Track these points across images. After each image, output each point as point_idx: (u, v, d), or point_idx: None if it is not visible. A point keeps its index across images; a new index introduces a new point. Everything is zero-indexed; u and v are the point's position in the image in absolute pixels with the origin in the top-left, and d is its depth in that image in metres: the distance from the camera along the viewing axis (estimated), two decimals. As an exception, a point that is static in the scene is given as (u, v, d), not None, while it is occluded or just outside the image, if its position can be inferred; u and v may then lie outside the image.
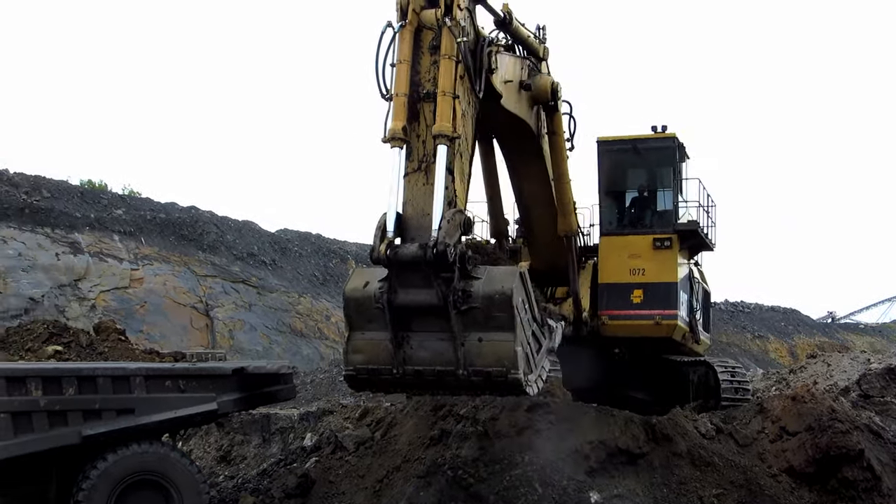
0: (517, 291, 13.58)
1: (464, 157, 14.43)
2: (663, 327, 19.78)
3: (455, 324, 13.71)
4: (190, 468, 15.90)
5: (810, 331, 62.95)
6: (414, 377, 14.31)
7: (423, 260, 13.43)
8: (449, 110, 13.86)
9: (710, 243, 21.67)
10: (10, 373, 14.48)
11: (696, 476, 16.69)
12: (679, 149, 20.77)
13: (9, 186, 38.28)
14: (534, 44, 17.90)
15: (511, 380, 13.56)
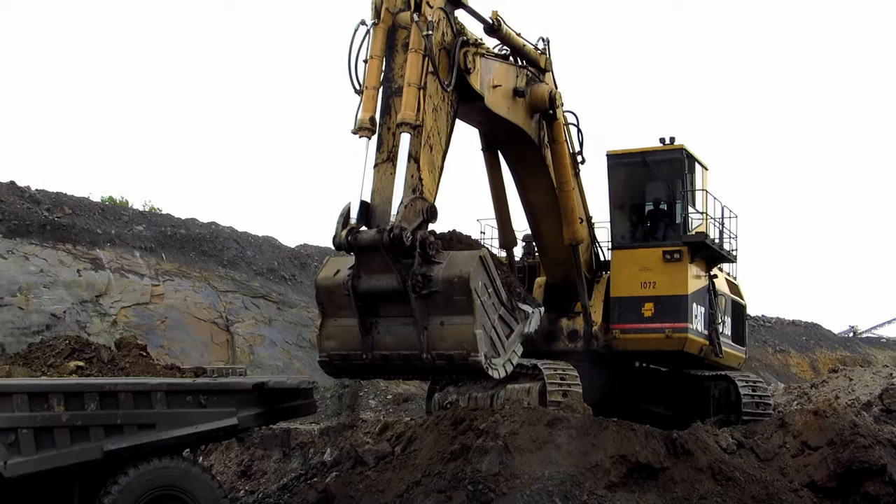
0: (475, 275, 14.00)
1: (434, 149, 14.95)
2: (674, 340, 19.74)
3: (416, 308, 14.20)
4: (211, 483, 15.93)
5: (832, 345, 62.54)
6: (382, 362, 14.95)
7: (380, 244, 13.99)
8: (413, 100, 14.50)
9: (727, 255, 21.54)
10: (32, 388, 14.57)
11: (717, 491, 16.62)
12: (688, 160, 20.73)
13: (30, 203, 38.51)
14: (532, 53, 18.52)
15: (471, 362, 14.04)
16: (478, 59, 16.00)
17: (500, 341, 14.57)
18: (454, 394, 21.33)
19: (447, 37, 15.30)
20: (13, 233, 36.13)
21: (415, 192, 14.48)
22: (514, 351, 15.02)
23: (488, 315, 14.31)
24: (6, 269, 34.21)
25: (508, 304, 14.90)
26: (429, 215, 14.41)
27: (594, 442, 16.79)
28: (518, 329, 15.11)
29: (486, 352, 14.15)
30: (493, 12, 17.24)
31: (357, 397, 31.13)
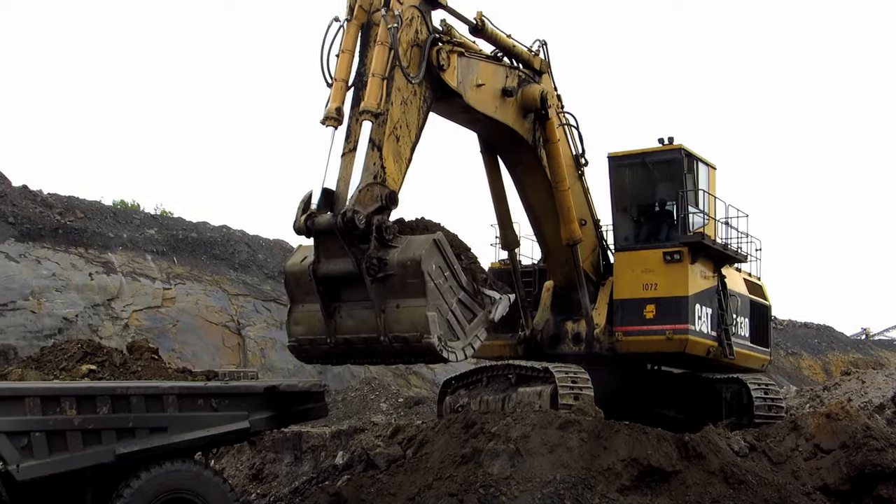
0: (428, 258, 14.29)
1: (402, 140, 15.49)
2: (675, 342, 19.64)
3: (373, 292, 14.54)
4: (222, 486, 15.95)
5: (844, 347, 62.30)
6: (345, 346, 15.30)
7: (335, 227, 14.43)
8: (377, 90, 15.01)
9: (733, 254, 21.33)
10: (44, 392, 14.60)
11: (729, 494, 16.59)
12: (687, 159, 20.62)
13: (42, 207, 38.62)
14: (524, 54, 19.04)
15: (425, 344, 14.28)
16: (454, 57, 16.49)
17: (459, 325, 14.80)
18: (465, 397, 21.34)
19: (421, 34, 15.88)
20: (25, 236, 36.23)
21: (376, 179, 14.88)
22: (476, 336, 15.19)
23: (444, 298, 14.54)
24: (19, 272, 34.29)
25: (470, 288, 15.10)
26: (388, 201, 14.75)
27: (606, 445, 16.78)
28: (481, 315, 15.28)
29: (439, 334, 14.34)
30: (477, 13, 17.66)
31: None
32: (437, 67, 16.09)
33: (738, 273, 22.35)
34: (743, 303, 22.00)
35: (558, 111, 20.20)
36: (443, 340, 14.43)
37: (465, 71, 16.94)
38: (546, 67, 19.76)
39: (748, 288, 22.51)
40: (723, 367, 21.74)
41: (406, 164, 15.70)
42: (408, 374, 42.46)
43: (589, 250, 20.97)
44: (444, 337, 14.49)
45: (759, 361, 22.75)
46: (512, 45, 18.71)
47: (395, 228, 14.80)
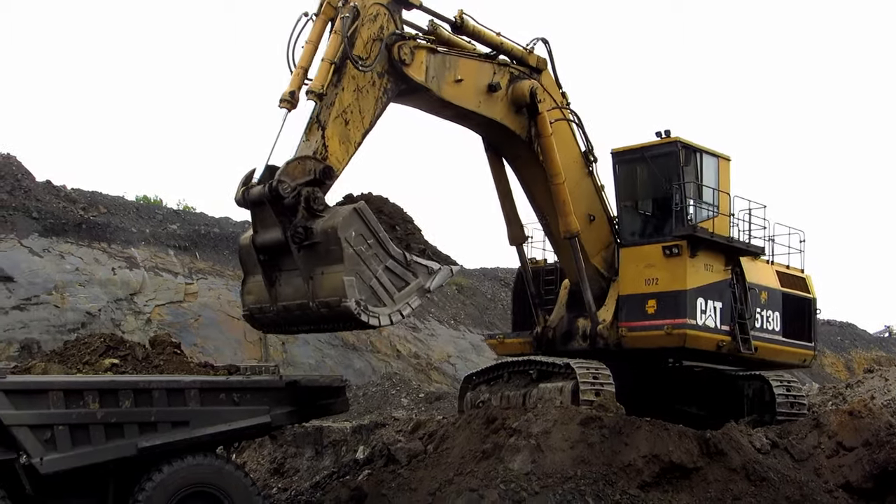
0: (345, 225, 14.93)
1: (351, 125, 16.31)
2: (674, 337, 19.51)
3: (299, 260, 15.31)
4: (244, 480, 16.03)
5: (867, 345, 62.02)
6: (284, 313, 15.94)
7: (265, 197, 15.22)
8: (323, 74, 16.02)
9: (743, 247, 20.96)
10: (67, 386, 14.70)
11: (751, 491, 16.55)
12: (685, 151, 20.50)
13: (66, 202, 38.81)
14: (516, 51, 19.47)
15: (343, 307, 14.88)
16: (420, 53, 17.29)
17: (386, 292, 15.30)
18: (486, 392, 21.33)
19: (386, 30, 16.83)
20: (49, 231, 36.42)
21: (314, 155, 15.67)
22: (406, 303, 15.61)
23: (367, 264, 15.10)
24: (42, 267, 34.49)
25: (400, 257, 15.54)
26: (322, 175, 15.51)
27: (627, 441, 16.75)
28: (414, 283, 15.72)
29: (357, 298, 14.85)
30: (458, 11, 18.35)
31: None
32: (400, 62, 16.88)
33: (767, 266, 22.02)
34: (771, 296, 21.64)
35: (563, 108, 20.38)
36: (362, 304, 14.91)
37: (440, 67, 17.77)
38: (544, 65, 20.07)
39: (782, 281, 22.09)
40: (755, 363, 21.46)
41: (354, 148, 16.46)
42: (429, 369, 42.51)
43: (601, 246, 20.95)
44: (366, 301, 15.00)
45: (796, 357, 22.36)
46: (500, 42, 19.21)
47: (323, 199, 15.44)
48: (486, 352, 45.70)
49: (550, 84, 20.14)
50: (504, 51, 19.31)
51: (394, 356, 42.05)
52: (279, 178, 15.14)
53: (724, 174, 21.26)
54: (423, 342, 44.47)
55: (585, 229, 20.64)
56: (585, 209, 20.70)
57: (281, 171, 15.28)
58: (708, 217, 20.68)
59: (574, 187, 20.42)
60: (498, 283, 52.37)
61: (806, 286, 22.88)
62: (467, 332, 47.29)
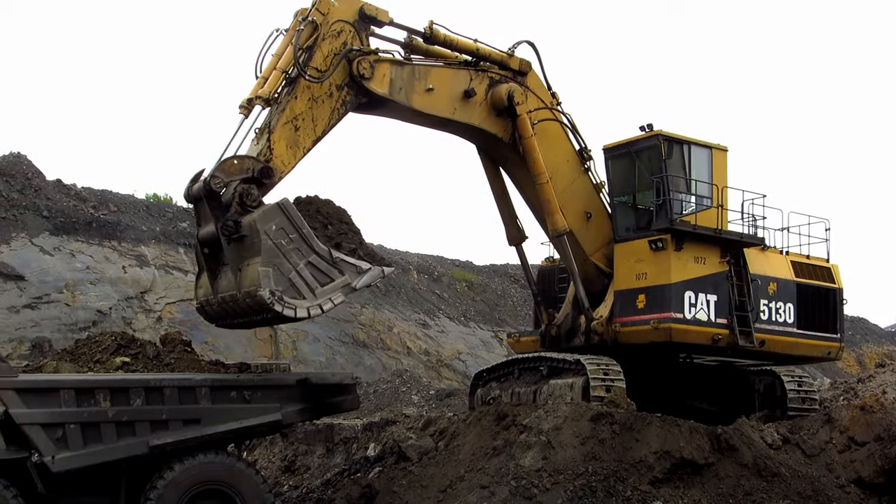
0: (264, 218, 15.47)
1: (301, 131, 17.13)
2: (661, 331, 19.40)
3: (228, 252, 15.97)
4: (255, 478, 16.06)
5: (878, 339, 61.80)
6: (222, 305, 16.49)
7: (202, 193, 16.13)
8: (273, 81, 16.97)
9: (736, 238, 20.57)
10: (79, 384, 14.76)
11: (762, 487, 16.51)
12: (667, 144, 20.35)
13: (77, 201, 38.89)
14: (496, 56, 19.86)
15: (258, 297, 15.30)
16: (383, 66, 18.10)
17: (306, 285, 15.65)
18: (497, 389, 21.33)
19: (350, 46, 17.70)
20: (60, 230, 36.49)
21: (258, 156, 16.50)
22: (329, 298, 15.86)
23: (287, 257, 15.51)
24: (53, 265, 34.57)
25: (326, 254, 15.87)
26: (260, 174, 16.27)
27: (638, 437, 16.74)
28: (341, 280, 16.00)
29: (272, 288, 15.26)
30: (428, 22, 18.92)
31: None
32: (360, 77, 17.69)
33: (780, 256, 21.72)
34: (782, 287, 21.27)
35: (552, 108, 20.55)
36: (276, 295, 15.28)
37: (409, 78, 18.51)
38: (528, 67, 20.30)
39: (798, 271, 21.67)
40: (768, 356, 21.11)
41: (303, 153, 17.21)
42: (439, 366, 42.53)
43: (601, 243, 20.98)
44: (283, 293, 15.38)
45: (818, 349, 21.89)
46: (476, 48, 19.58)
47: (257, 196, 15.98)
48: (497, 348, 45.75)
49: (537, 85, 20.44)
50: (482, 56, 19.68)
51: (404, 353, 42.07)
52: (213, 173, 16.05)
53: (718, 165, 20.99)
54: (434, 339, 44.49)
55: (582, 227, 20.81)
56: (582, 207, 20.86)
57: (215, 167, 16.16)
58: (700, 209, 20.49)
59: (568, 185, 20.64)
60: (508, 280, 52.36)
61: (831, 276, 22.33)
62: (477, 329, 47.28)
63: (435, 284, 49.83)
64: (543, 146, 20.07)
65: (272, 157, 16.72)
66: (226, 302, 16.32)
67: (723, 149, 21.13)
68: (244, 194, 15.88)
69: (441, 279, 50.57)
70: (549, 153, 20.21)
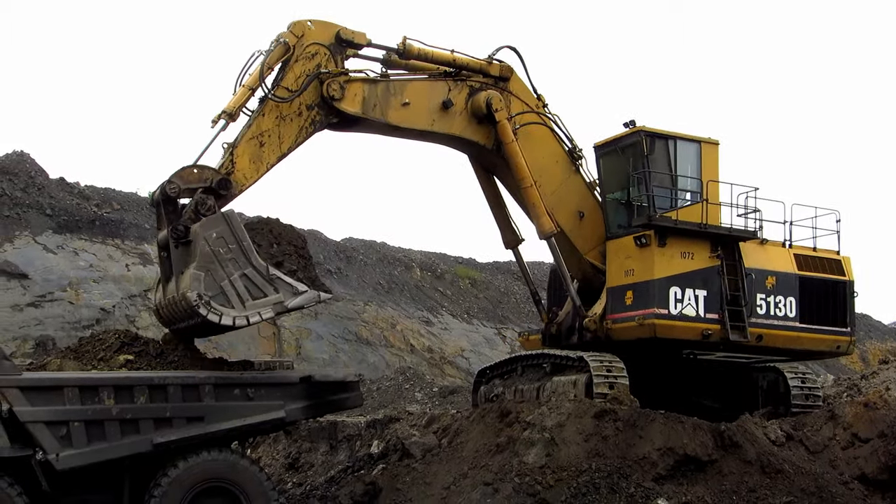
0: (207, 225, 15.87)
1: (266, 147, 17.68)
2: (645, 328, 19.31)
3: (175, 256, 16.35)
4: (259, 475, 16.06)
5: (882, 336, 61.78)
6: (169, 308, 16.70)
7: (160, 198, 16.72)
8: (239, 97, 17.58)
9: (724, 232, 20.24)
10: (83, 382, 14.77)
11: (766, 483, 16.50)
12: (649, 140, 20.20)
13: (80, 199, 38.96)
14: (472, 64, 20.04)
15: (187, 297, 15.57)
16: (354, 86, 18.47)
17: (237, 296, 15.82)
18: (500, 386, 21.31)
19: (325, 68, 18.19)
20: (63, 228, 36.56)
21: (219, 169, 17.02)
22: (257, 312, 15.96)
23: (222, 265, 15.75)
24: (57, 264, 34.64)
25: (263, 270, 16.02)
26: (218, 185, 16.79)
27: (641, 434, 16.73)
28: (273, 297, 16.10)
29: (200, 292, 15.48)
30: (402, 38, 19.26)
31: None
32: (329, 98, 18.13)
33: (781, 249, 21.28)
34: (783, 280, 20.85)
35: (537, 111, 20.64)
36: (203, 299, 15.46)
37: (384, 94, 18.86)
38: (509, 72, 20.40)
39: (802, 264, 21.18)
40: (769, 351, 20.82)
41: (266, 168, 17.72)
42: (442, 363, 42.56)
43: (596, 241, 20.98)
44: (213, 298, 15.56)
45: (825, 343, 21.22)
46: (453, 58, 19.79)
47: (212, 206, 16.42)
48: (500, 345, 45.79)
49: (520, 89, 20.54)
50: (460, 66, 19.85)
51: (407, 350, 42.12)
52: (170, 179, 16.56)
53: (709, 160, 20.75)
54: (437, 336, 44.53)
55: (575, 227, 20.87)
56: (574, 206, 20.92)
57: (174, 174, 16.64)
58: (686, 204, 20.38)
59: (559, 186, 20.72)
60: (511, 277, 52.39)
61: (841, 268, 21.71)
62: (480, 326, 47.32)
63: (438, 282, 49.89)
64: (530, 149, 20.24)
65: (234, 171, 17.29)
66: (171, 305, 16.54)
67: (713, 142, 20.91)
68: (200, 203, 16.37)
69: (444, 276, 50.62)
70: (536, 155, 20.37)
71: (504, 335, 47.41)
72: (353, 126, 19.15)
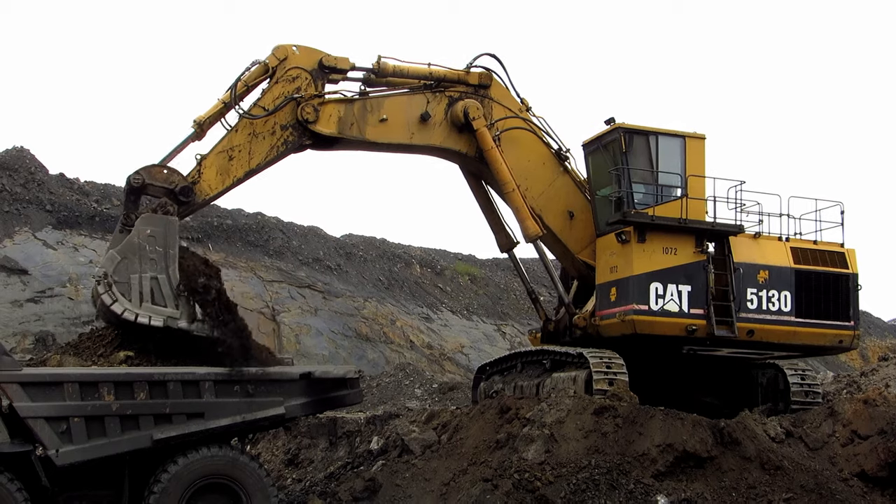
0: (146, 221, 16.35)
1: (235, 161, 18.30)
2: (626, 324, 19.34)
3: (114, 238, 17.06)
4: (259, 471, 16.06)
5: (881, 333, 61.78)
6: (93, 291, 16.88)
7: (126, 187, 17.38)
8: (211, 109, 18.50)
9: (707, 227, 20.03)
10: (83, 378, 14.77)
11: (765, 480, 16.50)
12: (628, 136, 20.17)
13: (79, 195, 38.96)
14: (449, 75, 20.30)
15: (95, 272, 16.64)
16: (329, 107, 18.96)
17: (139, 293, 15.99)
18: (500, 382, 21.33)
19: (304, 91, 18.77)
20: (63, 224, 36.56)
21: (187, 177, 17.69)
22: (149, 315, 15.90)
23: (140, 260, 16.08)
24: (56, 259, 34.63)
25: (176, 283, 16.15)
26: (180, 192, 17.45)
27: (641, 431, 16.73)
28: (170, 311, 16.04)
29: (107, 271, 15.97)
30: (376, 58, 19.64)
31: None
32: (304, 121, 18.69)
33: (777, 243, 20.99)
34: (776, 274, 20.60)
35: (519, 115, 20.77)
36: (109, 278, 15.88)
37: (361, 112, 19.39)
38: (488, 79, 20.61)
39: (798, 257, 20.86)
40: (766, 347, 20.51)
41: (233, 181, 18.33)
42: (442, 359, 42.56)
43: (588, 240, 21.05)
44: (117, 285, 15.88)
45: (825, 338, 20.87)
46: (430, 72, 20.12)
47: (172, 208, 17.03)
48: (499, 342, 45.79)
49: (502, 95, 20.75)
50: (437, 79, 20.12)
51: (407, 347, 42.12)
52: (138, 170, 17.27)
53: (694, 154, 20.56)
54: (437, 333, 44.53)
55: (565, 227, 21.04)
56: (564, 207, 21.08)
57: (144, 167, 17.37)
58: (671, 199, 20.27)
59: (547, 188, 20.90)
60: (510, 274, 52.41)
61: (844, 261, 21.28)
62: (480, 323, 47.33)
63: (438, 278, 49.89)
64: (515, 153, 20.45)
65: (199, 181, 17.96)
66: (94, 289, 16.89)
67: (699, 137, 20.76)
68: (160, 205, 17.01)
69: (444, 273, 50.62)
70: (521, 159, 20.58)
71: (504, 331, 47.42)
72: (334, 145, 19.60)
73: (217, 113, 18.62)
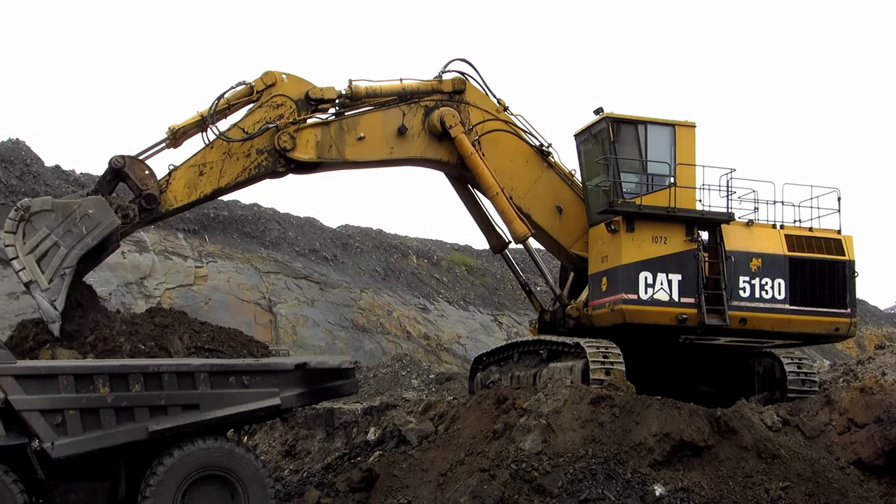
0: (97, 203, 16.97)
1: (205, 177, 18.65)
2: (616, 313, 19.39)
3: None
4: (255, 463, 16.03)
5: (878, 321, 61.76)
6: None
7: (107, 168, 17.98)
8: (188, 120, 18.93)
9: (696, 215, 20.02)
10: (77, 370, 14.74)
11: (762, 469, 16.51)
12: (615, 126, 20.17)
13: (75, 187, 38.77)
14: (421, 87, 20.40)
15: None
16: (304, 133, 19.11)
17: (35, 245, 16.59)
18: (497, 373, 21.32)
19: (286, 118, 18.98)
20: (58, 216, 36.34)
21: (159, 182, 18.17)
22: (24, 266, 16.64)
23: (62, 224, 16.64)
24: (52, 251, 34.51)
25: (67, 263, 16.60)
26: (145, 198, 18.03)
27: (638, 420, 16.73)
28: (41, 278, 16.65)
29: (32, 208, 16.56)
30: (348, 83, 19.72)
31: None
32: (281, 150, 18.88)
33: (771, 230, 20.94)
34: (770, 262, 20.50)
35: (496, 117, 20.84)
36: (27, 213, 16.51)
37: (338, 133, 19.53)
38: (462, 85, 20.64)
39: (792, 245, 20.76)
40: (760, 335, 20.39)
41: (199, 196, 18.71)
42: (439, 350, 42.54)
43: (580, 233, 21.14)
44: (29, 222, 16.54)
45: (821, 326, 20.78)
46: (402, 87, 20.18)
47: (133, 216, 17.88)
48: (496, 332, 45.78)
49: (477, 97, 20.79)
50: (411, 93, 20.18)
51: (404, 337, 42.10)
52: (124, 156, 17.97)
53: (684, 143, 20.49)
54: (433, 323, 44.51)
55: (555, 222, 21.10)
56: (551, 202, 21.15)
57: (130, 156, 18.01)
58: (660, 188, 20.23)
59: (532, 186, 20.94)
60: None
61: (841, 248, 21.16)
62: (477, 313, 47.31)
63: (434, 268, 49.85)
64: (497, 155, 20.52)
65: (167, 190, 18.34)
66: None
67: (689, 125, 20.71)
68: (122, 208, 17.64)
69: (440, 263, 50.58)
70: (503, 160, 20.64)
71: (500, 322, 47.41)
72: (315, 169, 19.73)
73: (193, 124, 18.87)
